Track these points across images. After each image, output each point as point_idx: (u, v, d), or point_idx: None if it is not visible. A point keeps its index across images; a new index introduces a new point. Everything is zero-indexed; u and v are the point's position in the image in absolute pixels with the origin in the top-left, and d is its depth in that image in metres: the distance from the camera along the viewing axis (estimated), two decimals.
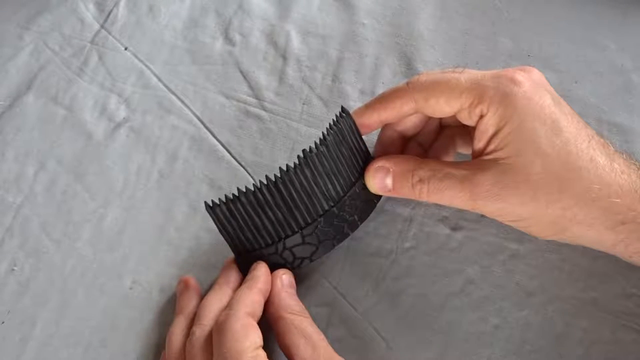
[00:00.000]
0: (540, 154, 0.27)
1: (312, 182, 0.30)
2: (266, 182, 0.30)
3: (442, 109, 0.30)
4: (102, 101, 0.42)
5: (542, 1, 0.42)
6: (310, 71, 0.41)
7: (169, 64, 0.43)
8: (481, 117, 0.29)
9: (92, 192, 0.38)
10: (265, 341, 0.28)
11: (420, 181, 0.30)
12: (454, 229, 0.35)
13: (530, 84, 0.28)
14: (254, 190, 0.30)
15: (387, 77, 0.40)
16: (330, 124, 0.31)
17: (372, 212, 0.33)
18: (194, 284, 0.33)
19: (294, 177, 0.30)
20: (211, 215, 0.32)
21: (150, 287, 0.35)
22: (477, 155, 0.30)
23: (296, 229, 0.31)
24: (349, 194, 0.31)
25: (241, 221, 0.31)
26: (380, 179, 0.31)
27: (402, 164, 0.31)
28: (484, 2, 0.43)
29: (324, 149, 0.30)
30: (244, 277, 0.32)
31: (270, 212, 0.30)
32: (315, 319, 0.30)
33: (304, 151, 0.30)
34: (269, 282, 0.31)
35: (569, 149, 0.27)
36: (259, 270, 0.31)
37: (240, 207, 0.30)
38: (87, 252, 0.37)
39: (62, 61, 0.44)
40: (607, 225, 0.27)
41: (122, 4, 0.46)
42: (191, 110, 0.41)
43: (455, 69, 0.30)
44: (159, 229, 0.37)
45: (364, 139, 0.32)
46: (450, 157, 0.34)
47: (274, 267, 0.32)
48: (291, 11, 0.44)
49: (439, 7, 0.43)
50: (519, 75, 0.28)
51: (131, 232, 0.37)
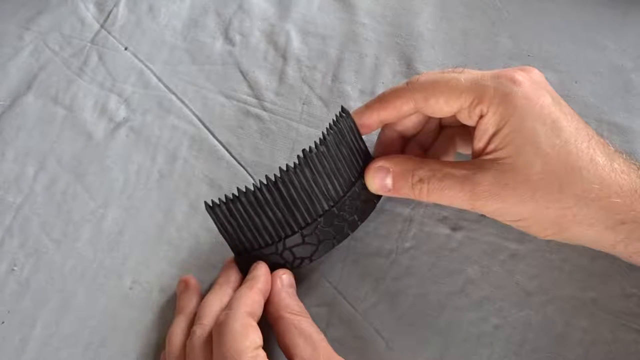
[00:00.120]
0: (540, 154, 0.27)
1: (312, 182, 0.30)
2: (266, 182, 0.30)
3: (442, 108, 0.30)
4: (102, 101, 0.42)
5: (542, 1, 0.42)
6: (310, 71, 0.41)
7: (169, 64, 0.43)
8: (481, 117, 0.29)
9: (92, 192, 0.38)
10: (265, 341, 0.28)
11: (420, 181, 0.30)
12: (454, 229, 0.35)
13: (530, 84, 0.28)
14: (253, 190, 0.30)
15: (387, 77, 0.40)
16: (330, 124, 0.31)
17: (372, 212, 0.33)
18: (194, 283, 0.33)
19: (294, 177, 0.30)
20: (211, 215, 0.32)
21: (150, 287, 0.35)
22: (477, 155, 0.30)
23: (296, 229, 0.31)
24: (349, 194, 0.31)
25: (241, 221, 0.31)
26: (380, 179, 0.31)
27: (402, 164, 0.31)
28: (484, 2, 0.43)
29: (324, 149, 0.30)
30: (244, 277, 0.32)
31: (270, 212, 0.30)
32: (315, 319, 0.30)
33: (304, 151, 0.30)
34: (269, 282, 0.31)
35: (569, 149, 0.27)
36: (259, 270, 0.31)
37: (240, 207, 0.30)
38: (87, 252, 0.37)
39: (62, 61, 0.44)
40: (607, 225, 0.27)
41: (122, 4, 0.46)
42: (191, 110, 0.41)
43: (455, 69, 0.30)
44: (159, 229, 0.37)
45: (364, 139, 0.32)
46: (450, 157, 0.34)
47: (274, 267, 0.32)
48: (291, 11, 0.44)
49: (439, 7, 0.43)
50: (519, 75, 0.28)
51: (131, 232, 0.37)
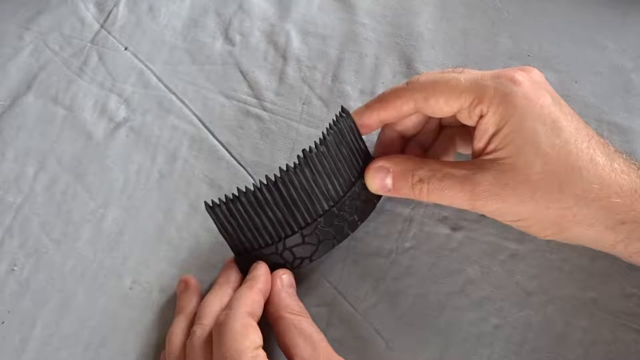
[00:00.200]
0: (540, 154, 0.27)
1: (312, 182, 0.30)
2: (266, 182, 0.30)
3: (442, 108, 0.30)
4: (102, 101, 0.42)
5: (542, 1, 0.42)
6: (310, 71, 0.41)
7: (169, 64, 0.43)
8: (481, 117, 0.29)
9: (92, 192, 0.38)
10: (265, 341, 0.28)
11: (420, 181, 0.30)
12: (454, 229, 0.35)
13: (530, 84, 0.28)
14: (253, 190, 0.30)
15: (387, 77, 0.40)
16: (330, 124, 0.31)
17: (372, 212, 0.33)
18: (195, 283, 0.33)
19: (294, 177, 0.30)
20: (211, 215, 0.32)
21: (150, 287, 0.35)
22: (477, 155, 0.30)
23: (296, 229, 0.31)
24: (349, 194, 0.31)
25: (241, 221, 0.31)
26: (380, 178, 0.31)
27: (402, 163, 0.31)
28: (484, 2, 0.43)
29: (324, 149, 0.30)
30: (244, 277, 0.32)
31: (270, 212, 0.30)
32: (315, 319, 0.30)
33: (304, 151, 0.30)
34: (269, 282, 0.31)
35: (569, 149, 0.27)
36: (259, 270, 0.31)
37: (240, 207, 0.30)
38: (87, 252, 0.37)
39: (62, 61, 0.44)
40: (607, 225, 0.27)
41: (122, 4, 0.46)
42: (191, 110, 0.41)
43: (455, 69, 0.30)
44: (159, 229, 0.37)
45: (364, 139, 0.32)
46: (450, 157, 0.34)
47: (274, 267, 0.32)
48: (291, 11, 0.44)
49: (439, 7, 0.43)
50: (519, 75, 0.28)
51: (131, 232, 0.37)
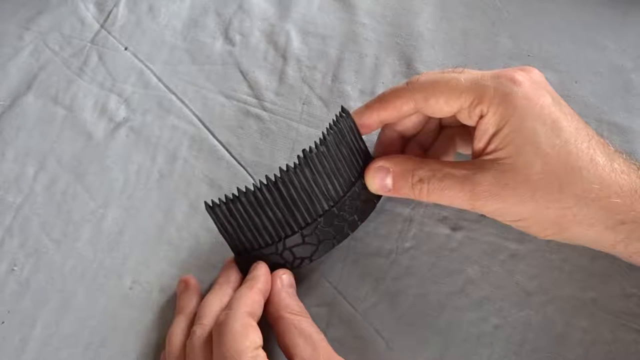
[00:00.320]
0: (540, 154, 0.27)
1: (312, 182, 0.30)
2: (266, 182, 0.30)
3: (442, 109, 0.30)
4: (102, 101, 0.42)
5: (542, 1, 0.42)
6: (310, 71, 0.41)
7: (169, 64, 0.43)
8: (481, 117, 0.29)
9: (92, 192, 0.38)
10: (265, 341, 0.28)
11: (420, 181, 0.30)
12: (454, 229, 0.35)
13: (530, 84, 0.28)
14: (253, 190, 0.30)
15: (387, 77, 0.40)
16: (330, 124, 0.31)
17: (372, 212, 0.33)
18: (195, 283, 0.33)
19: (294, 177, 0.30)
20: (211, 215, 0.32)
21: (150, 287, 0.35)
22: (477, 155, 0.30)
23: (296, 229, 0.31)
24: (349, 194, 0.31)
25: (241, 221, 0.31)
26: (380, 178, 0.31)
27: (402, 163, 0.31)
28: (484, 2, 0.43)
29: (324, 149, 0.30)
30: (244, 277, 0.32)
31: (270, 212, 0.30)
32: (315, 319, 0.30)
33: (304, 151, 0.30)
34: (269, 282, 0.31)
35: (569, 149, 0.27)
36: (259, 270, 0.31)
37: (240, 207, 0.30)
38: (87, 252, 0.37)
39: (62, 61, 0.44)
40: (607, 225, 0.27)
41: (122, 4, 0.46)
42: (191, 110, 0.41)
43: (455, 69, 0.30)
44: (159, 229, 0.37)
45: (364, 139, 0.32)
46: (450, 157, 0.34)
47: (274, 267, 0.32)
48: (291, 11, 0.44)
49: (439, 7, 0.43)
50: (519, 75, 0.28)
51: (131, 232, 0.37)
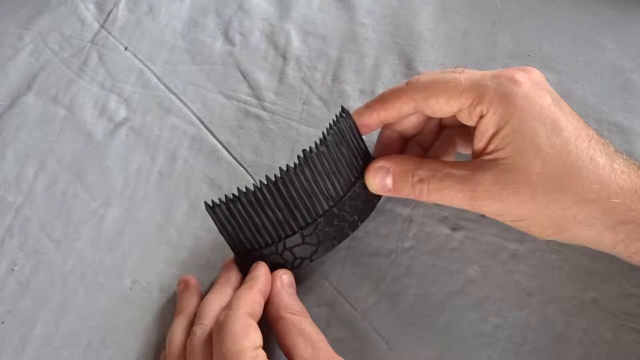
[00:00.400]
0: (540, 154, 0.27)
1: (312, 182, 0.30)
2: (266, 182, 0.30)
3: (442, 109, 0.30)
4: (102, 101, 0.42)
5: (542, 1, 0.42)
6: (310, 71, 0.41)
7: (169, 64, 0.43)
8: (481, 117, 0.29)
9: (92, 192, 0.38)
10: (265, 341, 0.28)
11: (420, 181, 0.30)
12: (454, 229, 0.35)
13: (530, 84, 0.28)
14: (254, 190, 0.30)
15: (387, 77, 0.40)
16: (330, 124, 0.31)
17: (372, 212, 0.33)
18: (195, 283, 0.33)
19: (294, 177, 0.30)
20: (211, 215, 0.32)
21: (150, 287, 0.35)
22: (477, 155, 0.30)
23: (296, 229, 0.31)
24: (349, 194, 0.31)
25: (241, 221, 0.31)
26: (380, 178, 0.31)
27: (402, 163, 0.31)
28: (484, 2, 0.43)
29: (324, 149, 0.30)
30: (244, 277, 0.32)
31: (270, 212, 0.30)
32: (315, 319, 0.30)
33: (304, 151, 0.30)
34: (269, 282, 0.31)
35: (569, 149, 0.27)
36: (259, 270, 0.31)
37: (240, 207, 0.30)
38: (87, 252, 0.37)
39: (62, 61, 0.44)
40: (607, 225, 0.27)
41: (122, 4, 0.46)
42: (191, 110, 0.41)
43: (455, 69, 0.30)
44: (159, 229, 0.37)
45: (364, 139, 0.32)
46: (450, 157, 0.34)
47: (274, 267, 0.32)
48: (291, 11, 0.44)
49: (439, 7, 0.43)
50: (519, 75, 0.28)
51: (131, 232, 0.37)
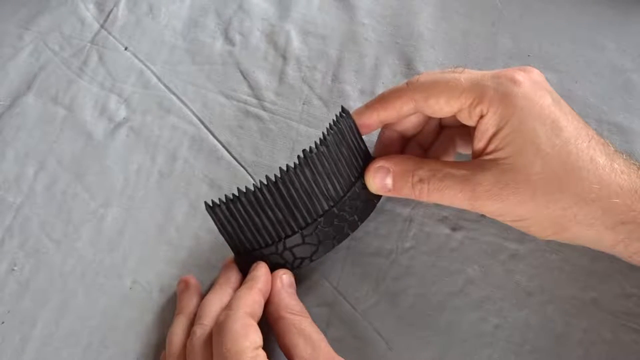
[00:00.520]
0: (540, 154, 0.27)
1: (312, 182, 0.30)
2: (266, 182, 0.30)
3: (442, 109, 0.30)
4: (102, 101, 0.42)
5: (542, 1, 0.42)
6: (310, 71, 0.41)
7: (169, 64, 0.43)
8: (481, 117, 0.29)
9: (92, 192, 0.38)
10: (265, 341, 0.28)
11: (420, 181, 0.30)
12: (454, 229, 0.35)
13: (530, 84, 0.28)
14: (254, 190, 0.30)
15: (387, 77, 0.40)
16: (330, 124, 0.31)
17: (372, 212, 0.33)
18: (195, 283, 0.33)
19: (294, 177, 0.30)
20: (211, 215, 0.32)
21: (150, 287, 0.35)
22: (477, 155, 0.30)
23: (296, 229, 0.31)
24: (349, 194, 0.31)
25: (241, 221, 0.31)
26: (380, 178, 0.31)
27: (402, 163, 0.31)
28: (484, 2, 0.43)
29: (324, 149, 0.30)
30: (244, 277, 0.32)
31: (270, 212, 0.30)
32: (315, 319, 0.30)
33: (304, 151, 0.30)
34: (269, 282, 0.31)
35: (569, 149, 0.27)
36: (259, 270, 0.31)
37: (240, 207, 0.30)
38: (87, 252, 0.37)
39: (62, 61, 0.44)
40: (607, 225, 0.27)
41: (122, 4, 0.46)
42: (191, 110, 0.41)
43: (455, 69, 0.30)
44: (159, 229, 0.37)
45: (364, 139, 0.32)
46: (450, 157, 0.34)
47: (274, 267, 0.32)
48: (291, 11, 0.44)
49: (439, 7, 0.43)
50: (519, 75, 0.28)
51: (131, 232, 0.37)
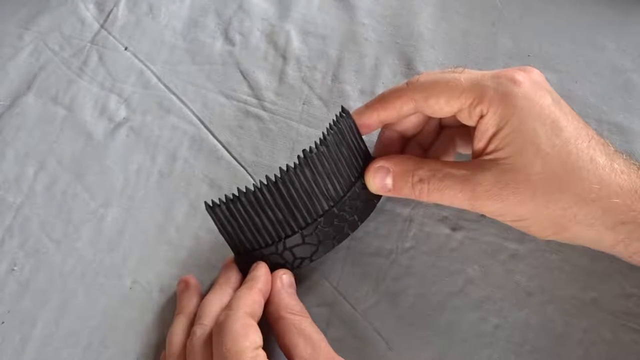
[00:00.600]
0: (540, 154, 0.27)
1: (312, 182, 0.30)
2: (266, 182, 0.30)
3: (442, 109, 0.30)
4: (102, 101, 0.42)
5: (542, 1, 0.42)
6: (310, 71, 0.41)
7: (169, 64, 0.43)
8: (481, 117, 0.29)
9: (92, 192, 0.38)
10: (265, 341, 0.28)
11: (420, 181, 0.30)
12: (454, 229, 0.35)
13: (530, 84, 0.28)
14: (254, 190, 0.30)
15: (387, 77, 0.40)
16: (330, 124, 0.31)
17: (372, 212, 0.33)
18: (195, 283, 0.33)
19: (294, 177, 0.30)
20: (211, 215, 0.32)
21: (150, 287, 0.35)
22: (477, 155, 0.30)
23: (296, 229, 0.31)
24: (349, 194, 0.31)
25: (241, 221, 0.31)
26: (380, 178, 0.31)
27: (402, 163, 0.31)
28: (484, 2, 0.43)
29: (324, 149, 0.30)
30: (244, 277, 0.32)
31: (270, 212, 0.30)
32: (315, 319, 0.30)
33: (304, 151, 0.30)
34: (269, 282, 0.31)
35: (569, 149, 0.27)
36: (259, 270, 0.31)
37: (240, 207, 0.30)
38: (87, 252, 0.37)
39: (62, 61, 0.44)
40: (607, 225, 0.27)
41: (122, 4, 0.46)
42: (191, 110, 0.41)
43: (455, 69, 0.30)
44: (159, 229, 0.37)
45: (364, 139, 0.32)
46: (450, 157, 0.34)
47: (274, 267, 0.32)
48: (291, 11, 0.44)
49: (439, 7, 0.43)
50: (519, 75, 0.28)
51: (131, 232, 0.37)
